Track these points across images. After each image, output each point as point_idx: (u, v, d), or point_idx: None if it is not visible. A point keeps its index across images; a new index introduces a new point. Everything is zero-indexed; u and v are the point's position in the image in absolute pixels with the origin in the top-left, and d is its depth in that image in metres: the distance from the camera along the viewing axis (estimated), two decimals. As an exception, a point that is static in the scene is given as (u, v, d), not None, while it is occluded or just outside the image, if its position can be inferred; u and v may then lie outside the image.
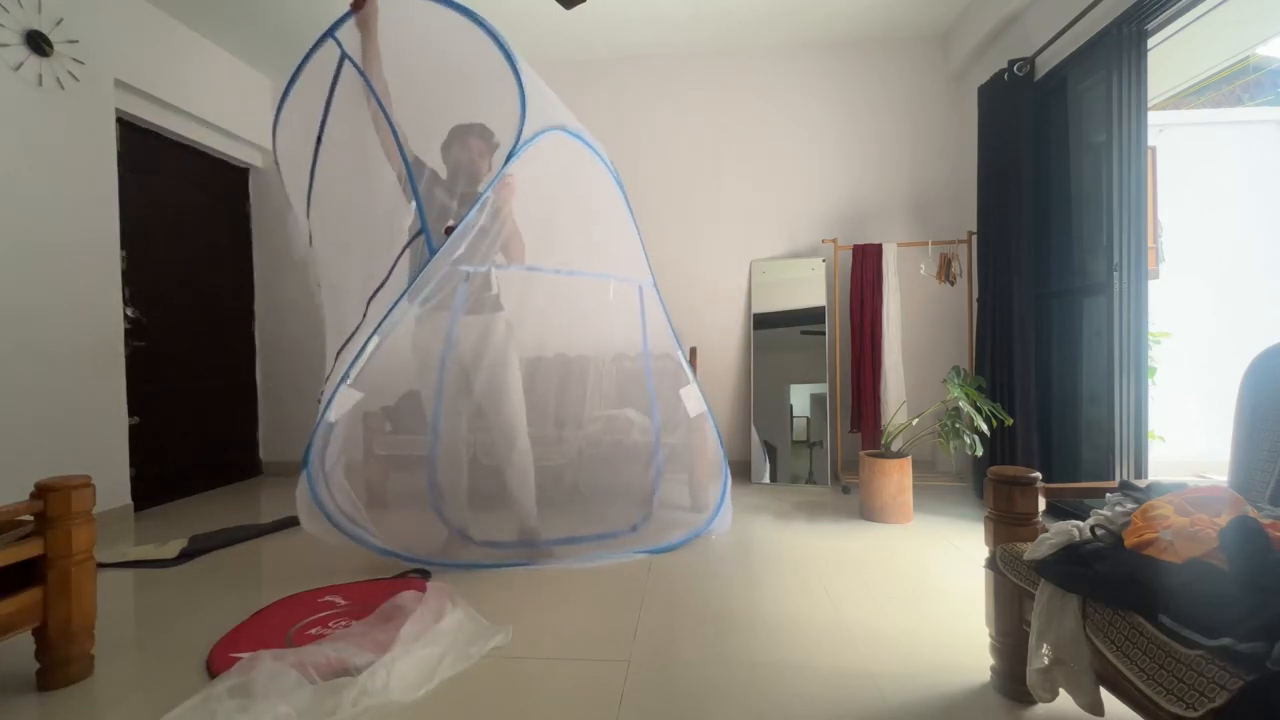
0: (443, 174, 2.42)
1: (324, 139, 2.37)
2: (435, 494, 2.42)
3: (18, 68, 2.63)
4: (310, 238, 2.47)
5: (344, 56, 2.27)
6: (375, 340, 2.09)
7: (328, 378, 2.24)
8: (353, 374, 2.07)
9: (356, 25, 2.26)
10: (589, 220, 2.71)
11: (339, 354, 2.24)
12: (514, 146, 2.19)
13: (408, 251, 2.29)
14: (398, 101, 2.26)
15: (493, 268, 2.37)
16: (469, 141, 2.40)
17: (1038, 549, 1.27)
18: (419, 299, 2.20)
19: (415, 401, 2.51)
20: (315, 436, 2.07)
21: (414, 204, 2.19)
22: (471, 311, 2.38)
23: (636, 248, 2.77)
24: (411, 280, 2.15)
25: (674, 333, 2.84)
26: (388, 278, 2.21)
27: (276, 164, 2.55)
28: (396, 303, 2.11)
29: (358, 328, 2.20)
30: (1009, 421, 2.90)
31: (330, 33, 2.29)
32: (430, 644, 1.64)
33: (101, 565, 2.31)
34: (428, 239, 2.15)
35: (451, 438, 2.42)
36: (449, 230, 2.17)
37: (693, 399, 2.81)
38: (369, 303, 2.21)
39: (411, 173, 2.19)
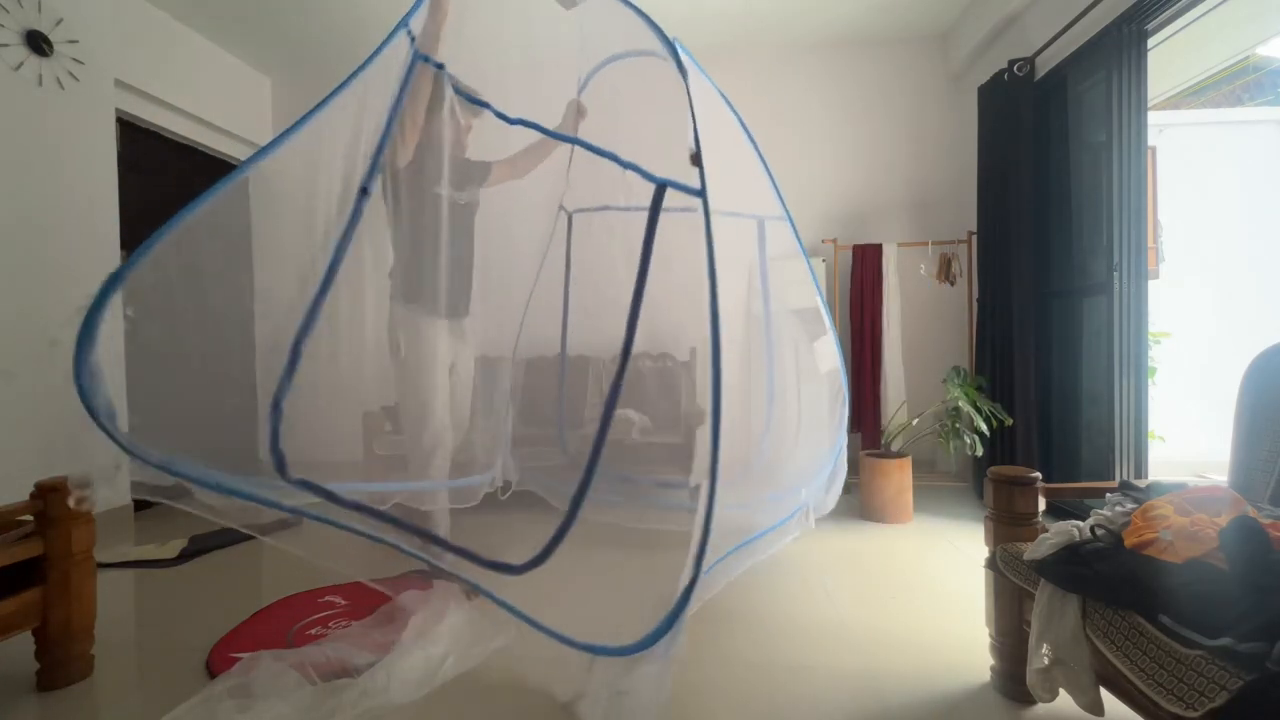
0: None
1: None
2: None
3: (18, 68, 2.62)
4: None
5: (416, 57, 1.94)
6: None
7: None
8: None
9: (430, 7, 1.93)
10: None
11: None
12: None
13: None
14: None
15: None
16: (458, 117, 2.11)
17: (1038, 549, 1.27)
18: None
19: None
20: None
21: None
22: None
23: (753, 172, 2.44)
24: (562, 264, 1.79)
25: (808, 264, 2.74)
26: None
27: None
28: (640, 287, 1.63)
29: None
30: (1009, 421, 2.90)
31: (403, 24, 1.89)
32: (432, 644, 1.63)
33: (101, 565, 2.29)
34: (650, 178, 1.69)
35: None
36: (695, 156, 1.71)
37: (826, 353, 2.66)
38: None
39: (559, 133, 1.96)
